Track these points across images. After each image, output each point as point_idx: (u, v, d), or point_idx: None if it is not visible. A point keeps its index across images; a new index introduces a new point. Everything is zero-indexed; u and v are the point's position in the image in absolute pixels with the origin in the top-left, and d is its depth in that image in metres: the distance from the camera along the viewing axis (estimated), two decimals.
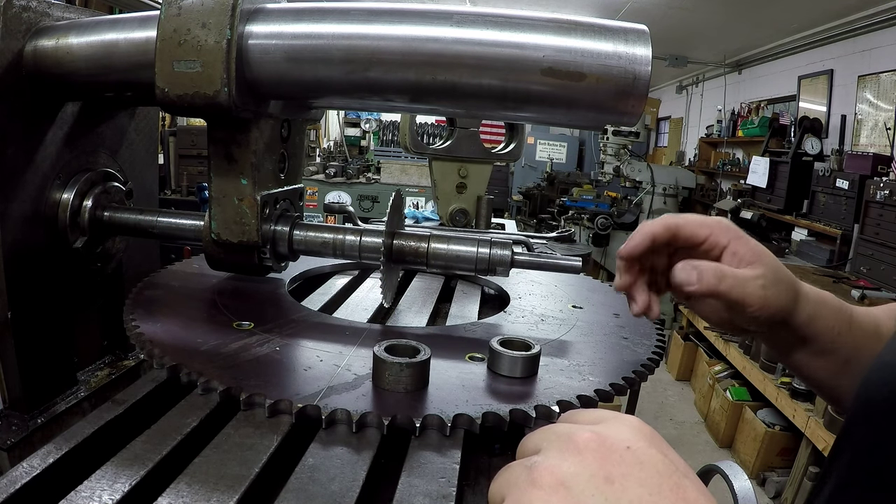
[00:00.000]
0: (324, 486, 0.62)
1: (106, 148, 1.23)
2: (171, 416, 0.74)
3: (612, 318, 1.17)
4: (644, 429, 0.46)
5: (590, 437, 0.44)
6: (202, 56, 0.87)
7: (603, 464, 0.42)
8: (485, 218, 2.36)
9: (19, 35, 1.00)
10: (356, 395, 0.76)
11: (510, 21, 0.88)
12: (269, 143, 1.03)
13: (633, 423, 0.47)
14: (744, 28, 6.40)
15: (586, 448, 0.44)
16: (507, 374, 0.84)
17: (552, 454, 0.45)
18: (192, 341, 0.89)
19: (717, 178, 7.62)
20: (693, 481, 0.43)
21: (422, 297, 1.35)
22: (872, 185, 3.92)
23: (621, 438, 0.44)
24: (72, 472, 0.65)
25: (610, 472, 0.42)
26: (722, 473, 0.60)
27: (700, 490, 0.43)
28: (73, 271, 1.16)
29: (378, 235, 1.06)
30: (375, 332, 1.00)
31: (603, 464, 0.42)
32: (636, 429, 0.46)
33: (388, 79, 0.91)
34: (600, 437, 0.44)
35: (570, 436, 0.45)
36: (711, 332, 5.12)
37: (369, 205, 7.27)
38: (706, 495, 0.43)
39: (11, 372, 1.04)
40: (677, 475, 0.42)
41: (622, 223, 7.08)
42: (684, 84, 9.76)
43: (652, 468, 0.42)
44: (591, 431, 0.45)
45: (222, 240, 1.05)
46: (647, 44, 0.87)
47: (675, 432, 4.73)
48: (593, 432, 0.45)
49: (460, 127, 2.29)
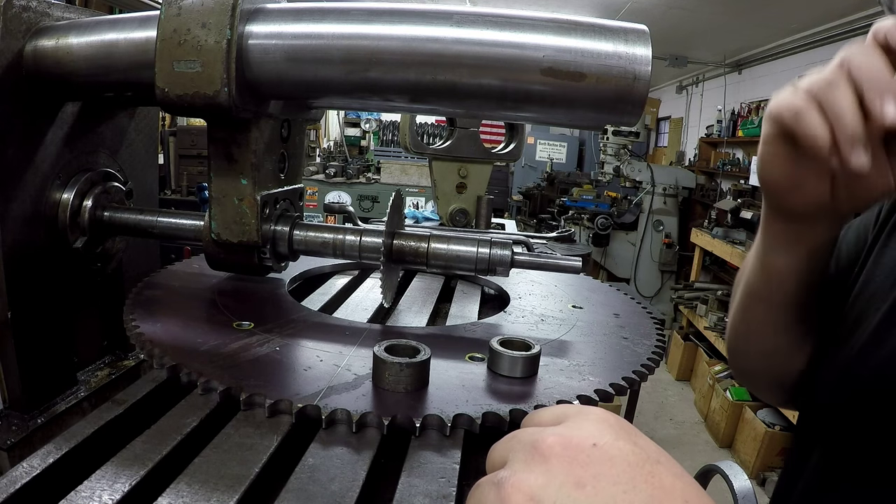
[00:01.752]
0: (324, 486, 0.62)
1: (106, 148, 1.23)
2: (171, 416, 0.74)
3: (612, 318, 1.17)
4: (609, 419, 0.45)
5: (553, 442, 0.43)
6: (202, 56, 0.87)
7: (571, 468, 0.41)
8: (485, 218, 2.36)
9: (19, 35, 1.00)
10: (356, 395, 0.76)
11: (510, 21, 0.88)
12: (269, 143, 1.03)
13: (597, 415, 0.46)
14: (744, 28, 6.40)
15: (551, 454, 0.42)
16: (507, 374, 0.84)
17: (518, 466, 0.43)
18: (192, 341, 0.89)
19: (717, 178, 7.61)
20: (667, 465, 0.42)
21: (422, 297, 1.35)
22: None
23: (586, 436, 0.43)
24: (72, 472, 0.65)
25: (579, 476, 0.40)
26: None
27: (675, 473, 0.42)
28: (73, 271, 1.16)
29: (378, 235, 1.06)
30: (375, 332, 1.00)
31: (571, 468, 0.41)
32: (601, 421, 0.45)
33: (388, 79, 0.91)
34: (564, 438, 0.43)
35: (533, 444, 0.44)
36: (711, 333, 5.12)
37: (369, 205, 7.27)
38: (682, 478, 0.41)
39: (11, 372, 1.04)
40: (649, 463, 0.41)
41: (622, 223, 7.08)
42: (684, 84, 9.76)
43: (622, 462, 0.41)
44: (555, 434, 0.43)
45: (222, 240, 1.05)
46: (647, 44, 0.87)
47: (675, 432, 4.73)
48: (556, 435, 0.43)
49: (460, 127, 2.29)
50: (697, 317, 5.60)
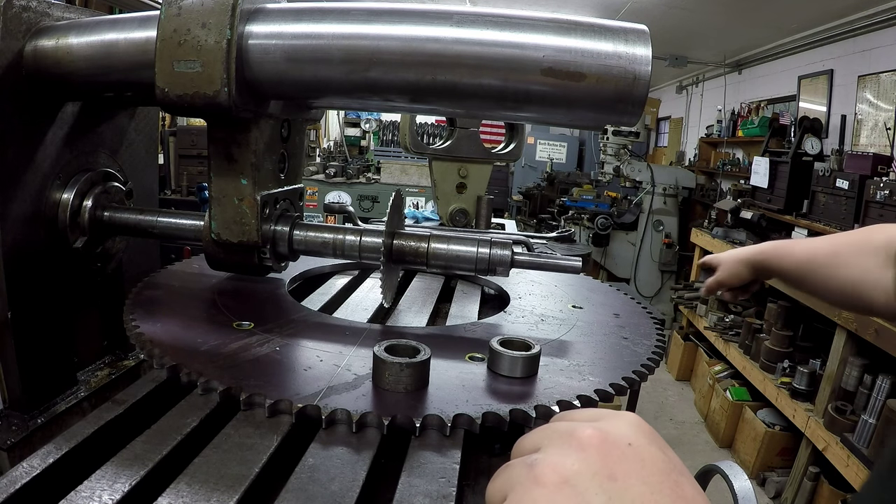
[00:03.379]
0: (324, 486, 0.62)
1: (106, 148, 1.23)
2: (171, 416, 0.74)
3: (612, 318, 1.17)
4: (643, 426, 0.47)
5: (592, 434, 0.44)
6: (202, 56, 0.87)
7: (606, 461, 0.42)
8: (485, 218, 2.36)
9: (19, 35, 1.00)
10: (356, 395, 0.76)
11: (510, 21, 0.88)
12: (269, 143, 1.03)
13: (633, 420, 0.47)
14: (744, 28, 6.40)
15: (589, 445, 0.43)
16: (507, 374, 0.84)
17: (554, 451, 0.44)
18: (192, 341, 0.89)
19: (717, 178, 7.61)
20: (689, 480, 0.44)
21: (422, 297, 1.35)
22: (872, 186, 3.91)
23: (623, 435, 0.44)
24: (72, 472, 0.65)
25: (613, 469, 0.42)
26: (722, 473, 0.60)
27: (696, 489, 0.43)
28: (73, 271, 1.16)
29: (378, 235, 1.06)
30: (375, 332, 1.00)
31: (606, 461, 0.42)
32: (636, 426, 0.46)
33: (388, 79, 0.91)
34: (602, 433, 0.44)
35: (571, 433, 0.45)
36: (711, 333, 5.12)
37: (369, 205, 7.26)
38: (702, 494, 0.43)
39: (11, 372, 1.04)
40: (675, 473, 0.43)
41: (622, 223, 7.07)
42: (684, 84, 9.75)
43: (653, 466, 0.42)
44: (594, 428, 0.45)
45: (222, 240, 1.05)
46: (647, 44, 0.87)
47: (675, 432, 4.73)
48: (595, 429, 0.45)
49: (460, 127, 2.29)
50: (697, 317, 5.60)
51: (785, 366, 3.93)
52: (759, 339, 4.29)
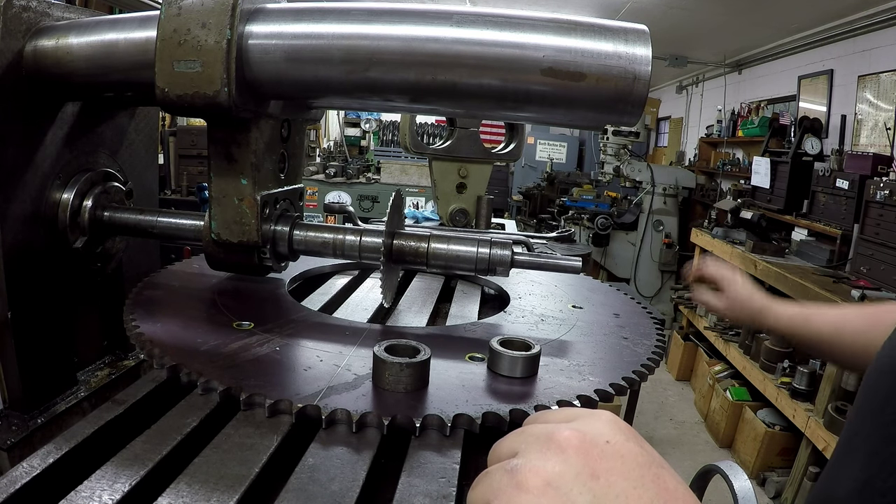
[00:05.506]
0: (324, 486, 0.62)
1: (106, 148, 1.23)
2: (171, 416, 0.74)
3: (612, 318, 1.17)
4: (619, 423, 0.47)
5: (570, 435, 0.44)
6: (202, 56, 0.87)
7: (587, 460, 0.43)
8: (485, 218, 2.36)
9: (19, 35, 1.00)
10: (356, 395, 0.76)
11: (510, 21, 0.88)
12: (269, 143, 1.03)
13: (608, 418, 0.47)
14: (744, 28, 6.39)
15: (568, 446, 0.44)
16: (507, 374, 0.84)
17: (533, 455, 0.44)
18: (192, 341, 0.89)
19: (717, 178, 7.60)
20: (670, 472, 0.44)
21: (422, 297, 1.35)
22: (872, 185, 3.91)
23: (600, 433, 0.45)
24: (72, 472, 0.65)
25: (594, 467, 0.42)
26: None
27: (677, 480, 0.44)
28: (73, 271, 1.16)
29: (378, 235, 1.06)
30: (375, 332, 1.00)
31: (587, 460, 0.43)
32: (612, 423, 0.46)
33: (388, 79, 0.91)
34: (580, 433, 0.44)
35: (549, 435, 0.45)
36: (711, 333, 5.12)
37: (369, 205, 7.26)
38: (682, 484, 0.44)
39: (11, 372, 1.04)
40: (655, 466, 0.43)
41: (622, 223, 7.07)
42: (684, 84, 9.75)
43: (633, 461, 0.43)
44: (571, 429, 0.45)
45: (222, 240, 1.05)
46: (647, 44, 0.87)
47: (675, 432, 4.73)
48: (573, 429, 0.45)
49: (460, 127, 2.29)
50: (697, 317, 5.60)
51: (785, 366, 3.93)
52: (759, 339, 4.29)
